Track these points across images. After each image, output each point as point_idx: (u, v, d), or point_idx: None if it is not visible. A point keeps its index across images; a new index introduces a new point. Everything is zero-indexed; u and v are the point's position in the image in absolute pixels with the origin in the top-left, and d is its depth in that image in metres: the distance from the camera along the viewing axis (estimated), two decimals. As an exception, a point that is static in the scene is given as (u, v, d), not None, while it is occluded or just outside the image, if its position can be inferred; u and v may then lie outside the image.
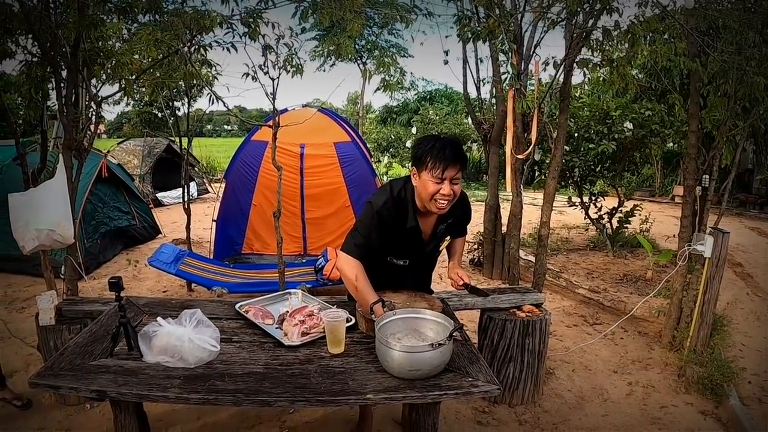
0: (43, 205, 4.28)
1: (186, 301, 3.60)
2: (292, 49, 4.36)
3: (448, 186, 2.82)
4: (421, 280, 3.47)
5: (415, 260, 3.23)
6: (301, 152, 7.59)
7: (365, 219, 3.07)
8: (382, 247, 3.11)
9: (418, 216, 3.06)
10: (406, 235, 3.07)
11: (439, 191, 2.82)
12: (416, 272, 3.34)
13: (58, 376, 2.46)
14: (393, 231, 3.05)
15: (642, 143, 8.19)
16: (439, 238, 3.20)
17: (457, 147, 2.88)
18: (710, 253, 4.68)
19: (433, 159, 2.79)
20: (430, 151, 2.82)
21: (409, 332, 2.76)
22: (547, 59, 4.86)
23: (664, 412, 4.33)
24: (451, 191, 2.83)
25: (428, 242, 3.19)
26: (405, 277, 3.26)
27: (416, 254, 3.20)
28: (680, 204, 5.16)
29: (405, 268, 3.22)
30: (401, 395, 2.35)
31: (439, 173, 2.79)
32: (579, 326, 6.08)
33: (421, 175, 2.88)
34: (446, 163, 2.78)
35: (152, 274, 7.62)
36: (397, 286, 3.28)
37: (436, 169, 2.79)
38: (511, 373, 4.23)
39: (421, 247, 3.18)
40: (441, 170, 2.78)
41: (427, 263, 3.43)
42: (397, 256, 3.19)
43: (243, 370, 2.54)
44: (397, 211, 3.03)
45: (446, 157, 2.79)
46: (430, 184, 2.82)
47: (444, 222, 3.12)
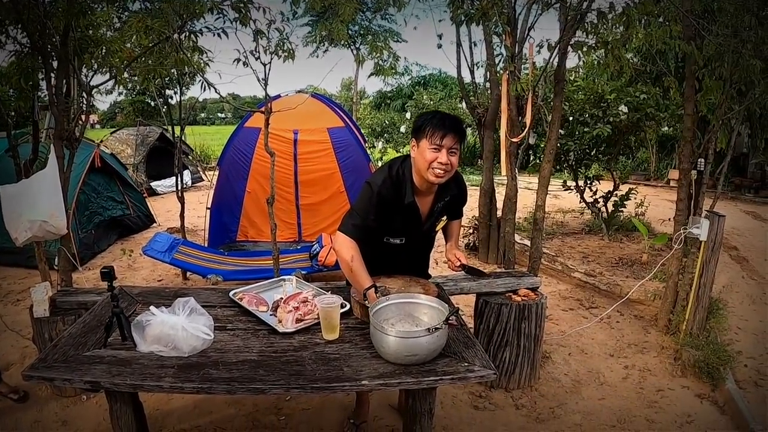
0: (35, 196, 4.25)
1: (180, 289, 3.57)
2: (284, 34, 4.33)
3: (446, 154, 2.88)
4: (418, 262, 3.47)
5: (412, 239, 3.25)
6: (294, 138, 7.55)
7: (363, 199, 3.10)
8: (380, 226, 3.13)
9: (416, 194, 3.09)
10: (403, 213, 3.11)
11: (436, 159, 2.88)
12: (413, 253, 3.35)
13: (52, 368, 2.45)
14: (391, 209, 3.08)
15: (637, 126, 8.15)
16: (436, 216, 3.22)
17: (457, 120, 2.98)
18: (706, 237, 4.67)
19: (433, 127, 2.87)
20: (431, 120, 2.91)
21: (403, 317, 2.75)
22: (541, 42, 4.83)
23: (661, 395, 4.33)
24: (448, 160, 2.89)
25: (425, 221, 3.21)
26: (402, 257, 3.27)
27: (413, 232, 3.22)
28: (676, 188, 5.15)
29: (401, 247, 3.24)
30: (396, 381, 2.34)
31: (438, 140, 2.86)
32: (575, 310, 6.07)
33: (420, 144, 2.94)
34: (445, 131, 2.86)
35: (147, 264, 7.59)
36: (393, 268, 3.28)
37: (435, 136, 2.86)
38: (508, 357, 4.23)
39: (417, 225, 3.20)
40: (440, 137, 2.86)
41: (423, 244, 3.44)
42: (394, 234, 3.21)
43: (237, 358, 2.53)
44: (395, 189, 3.07)
45: (445, 125, 2.87)
46: (428, 152, 2.89)
47: (441, 200, 3.17)
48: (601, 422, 3.98)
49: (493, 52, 7.17)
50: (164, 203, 12.29)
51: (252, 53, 4.31)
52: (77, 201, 7.73)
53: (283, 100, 7.12)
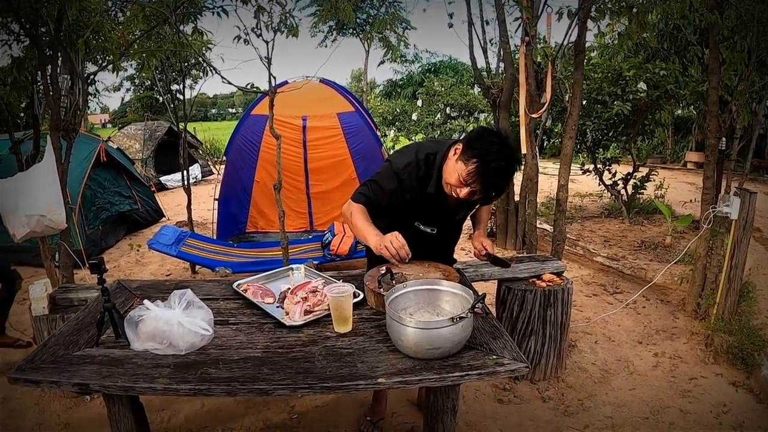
0: (31, 190, 4.16)
1: (181, 282, 3.37)
2: (285, 8, 4.13)
3: (468, 193, 2.66)
4: (446, 250, 3.32)
5: (444, 228, 3.09)
6: (303, 125, 7.41)
7: (381, 177, 2.93)
8: (408, 210, 2.96)
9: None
10: (428, 202, 2.90)
11: (456, 188, 2.68)
12: (442, 241, 3.18)
13: (39, 370, 2.24)
14: (413, 196, 2.87)
15: (657, 105, 7.95)
16: (471, 205, 3.06)
17: (507, 179, 2.72)
18: (737, 215, 4.45)
19: (478, 171, 2.58)
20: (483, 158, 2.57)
21: (422, 306, 2.52)
22: (560, 9, 4.61)
23: (694, 384, 4.13)
24: (465, 197, 2.69)
25: (457, 210, 3.03)
26: (431, 246, 3.03)
27: (445, 222, 3.08)
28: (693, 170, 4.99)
29: (432, 236, 3.06)
30: (417, 378, 2.11)
31: (473, 184, 2.63)
32: (599, 296, 5.88)
33: (458, 162, 2.66)
34: (485, 186, 2.64)
35: (156, 258, 7.47)
36: (422, 256, 2.99)
37: (471, 179, 2.61)
38: (533, 347, 4.03)
39: (450, 215, 3.07)
40: (477, 184, 2.62)
41: (453, 232, 3.29)
42: (425, 222, 3.03)
43: (239, 355, 2.31)
44: (419, 175, 2.84)
45: (490, 180, 2.62)
46: (454, 177, 2.66)
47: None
48: (633, 414, 3.77)
49: (506, 29, 6.94)
50: (174, 197, 12.20)
51: (254, 30, 4.12)
52: (83, 197, 7.63)
53: (291, 86, 6.95)
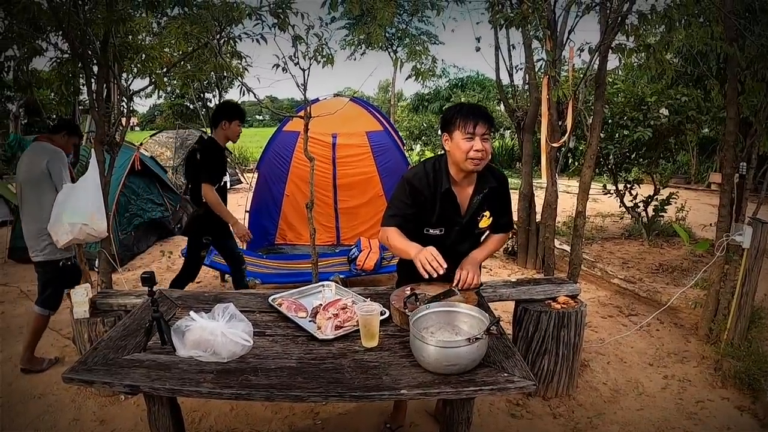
0: (76, 199, 4.32)
1: (219, 294, 3.59)
2: (323, 39, 4.33)
3: (480, 141, 2.95)
4: (461, 259, 3.32)
5: (451, 229, 3.24)
6: (333, 142, 7.59)
7: (397, 191, 3.23)
8: (417, 216, 3.19)
9: (453, 185, 3.15)
10: (440, 201, 3.15)
11: (472, 147, 2.95)
12: (454, 245, 3.27)
13: (92, 371, 2.47)
14: (425, 198, 3.15)
15: (678, 130, 8.02)
16: (476, 208, 3.21)
17: (484, 108, 3.11)
18: (749, 244, 4.57)
19: (463, 117, 2.97)
20: (460, 111, 3.02)
21: (443, 326, 2.72)
22: (582, 45, 4.78)
23: (700, 407, 4.23)
24: (483, 147, 2.96)
25: (465, 213, 3.21)
26: (443, 251, 3.07)
27: (451, 223, 3.22)
28: (716, 192, 5.08)
29: (441, 238, 3.22)
30: (436, 391, 2.31)
31: (471, 128, 2.94)
32: (614, 317, 5.99)
33: (453, 137, 3.03)
34: (476, 119, 2.95)
35: (186, 265, 7.66)
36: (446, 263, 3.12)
37: (467, 126, 2.95)
38: (546, 365, 4.18)
39: (456, 215, 3.21)
40: (472, 126, 2.94)
41: (467, 241, 3.34)
42: (433, 225, 3.22)
43: (276, 364, 2.52)
44: (428, 179, 3.15)
45: (475, 114, 2.98)
46: (462, 143, 2.96)
47: (480, 192, 3.18)
48: (639, 433, 3.91)
49: (532, 55, 7.12)
50: (203, 205, 12.34)
51: (291, 58, 4.32)
52: (117, 203, 7.85)
53: (322, 104, 7.15)
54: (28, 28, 4.28)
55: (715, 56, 8.00)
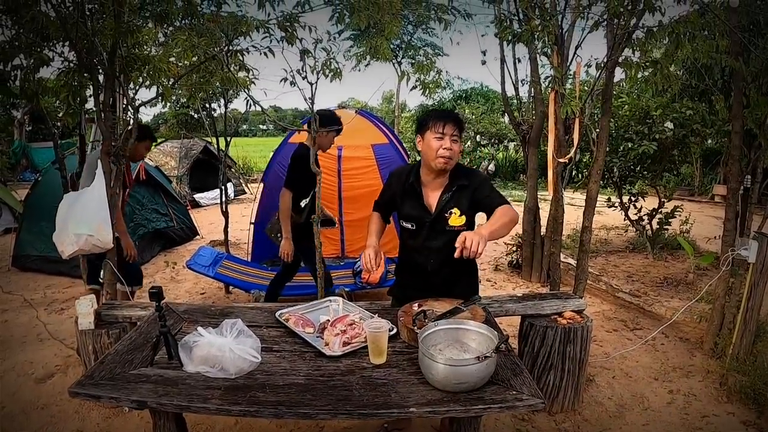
0: (82, 210, 4.32)
1: (226, 308, 3.58)
2: (331, 53, 4.34)
3: (449, 141, 3.21)
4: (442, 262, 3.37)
5: (422, 226, 3.39)
6: (338, 154, 7.60)
7: (383, 188, 3.69)
8: (390, 206, 3.63)
9: (424, 186, 3.40)
10: (406, 195, 3.43)
11: (441, 146, 3.19)
12: (426, 242, 3.39)
13: (99, 386, 2.47)
14: (396, 191, 3.50)
15: (683, 143, 8.03)
16: (444, 205, 3.31)
17: (455, 112, 3.47)
18: (755, 259, 4.56)
19: (435, 119, 3.25)
20: (432, 114, 3.32)
21: (451, 343, 2.72)
22: (589, 61, 4.79)
23: (706, 422, 4.22)
24: (451, 146, 3.21)
25: (434, 210, 3.35)
26: (417, 246, 3.43)
27: (420, 219, 3.38)
28: (720, 204, 5.08)
29: (415, 233, 3.43)
30: (445, 409, 2.31)
31: (441, 128, 3.20)
32: (619, 331, 5.97)
33: (425, 137, 3.28)
34: (446, 120, 3.23)
35: (190, 276, 7.67)
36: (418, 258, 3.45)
37: (438, 126, 3.22)
38: (552, 380, 4.17)
39: (424, 212, 3.37)
40: (442, 126, 3.21)
41: (435, 235, 3.37)
42: (406, 218, 3.46)
43: (284, 381, 2.52)
44: (403, 174, 3.49)
45: (445, 116, 3.26)
46: (433, 141, 3.22)
47: (449, 191, 3.33)
48: (645, 449, 3.89)
49: (538, 70, 7.13)
50: (207, 215, 12.41)
51: (299, 72, 4.33)
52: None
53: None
54: (35, 38, 4.29)
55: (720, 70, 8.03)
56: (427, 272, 3.42)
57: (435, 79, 5.49)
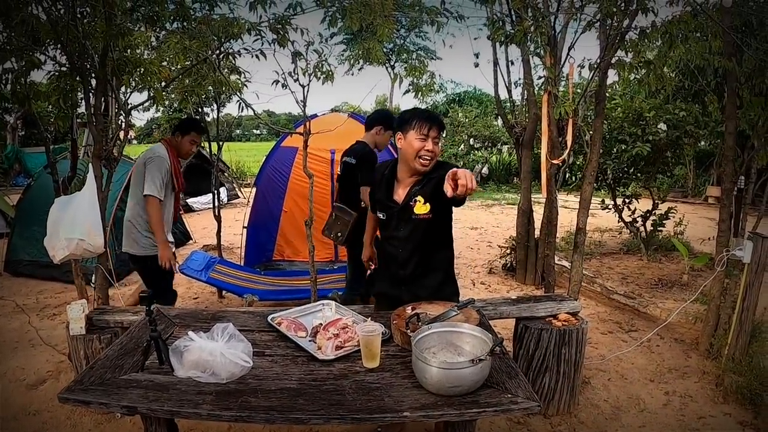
0: (73, 215, 4.30)
1: (218, 312, 3.56)
2: (322, 56, 4.32)
3: (431, 143, 3.24)
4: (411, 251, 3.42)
5: (391, 215, 3.44)
6: (331, 158, 7.57)
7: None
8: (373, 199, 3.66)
9: (398, 181, 3.46)
10: (381, 187, 3.51)
11: (424, 147, 3.23)
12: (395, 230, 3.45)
13: (88, 391, 2.44)
14: (376, 183, 3.58)
15: (676, 144, 8.03)
16: (411, 196, 3.34)
17: (438, 114, 3.54)
18: (749, 259, 4.56)
19: (419, 120, 3.25)
20: (417, 114, 3.29)
21: (445, 346, 2.69)
22: (582, 62, 4.78)
23: (702, 423, 4.21)
24: (433, 148, 3.25)
25: (402, 201, 3.39)
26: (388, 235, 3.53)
27: (389, 209, 3.45)
28: (714, 205, 5.08)
29: (385, 222, 3.50)
30: (439, 413, 2.28)
31: (425, 130, 3.22)
32: (614, 333, 5.96)
33: (407, 136, 3.27)
34: (431, 123, 3.24)
35: (183, 281, 7.59)
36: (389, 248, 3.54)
37: (423, 127, 3.22)
38: (547, 383, 4.15)
39: (392, 202, 3.44)
40: (427, 128, 3.22)
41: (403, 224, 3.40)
42: (378, 209, 3.55)
43: (276, 385, 2.49)
44: (381, 168, 3.60)
45: (431, 118, 3.28)
46: (416, 142, 3.23)
47: (420, 184, 3.35)
48: (641, 451, 3.88)
49: (530, 71, 7.13)
50: (200, 220, 12.37)
51: (290, 75, 4.31)
52: (114, 218, 7.81)
53: (320, 120, 7.15)
54: (26, 41, 4.26)
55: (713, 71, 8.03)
56: (398, 262, 3.46)
57: (428, 83, 5.48)
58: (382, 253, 3.71)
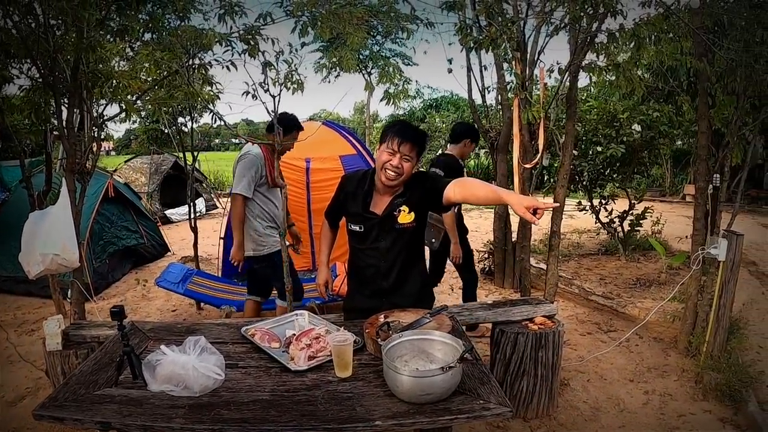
0: (47, 230, 4.27)
1: (192, 325, 3.53)
2: (292, 65, 4.30)
3: (398, 159, 3.16)
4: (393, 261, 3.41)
5: (370, 227, 3.37)
6: (306, 166, 7.55)
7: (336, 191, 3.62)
8: (341, 207, 3.56)
9: (376, 190, 3.39)
10: (360, 199, 3.39)
11: (389, 161, 3.17)
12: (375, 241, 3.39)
13: (63, 408, 2.42)
14: (349, 192, 3.46)
15: (651, 145, 8.10)
16: (395, 207, 3.31)
17: (417, 130, 3.32)
18: (725, 257, 4.60)
19: (392, 134, 3.19)
20: (393, 127, 3.25)
21: (417, 354, 2.69)
22: (552, 66, 4.80)
23: (683, 420, 4.24)
24: (400, 164, 3.16)
25: (383, 212, 3.34)
26: (365, 246, 3.44)
27: (369, 220, 3.36)
28: (692, 203, 5.10)
29: (363, 234, 3.40)
30: (411, 421, 2.28)
31: (395, 146, 3.15)
32: (593, 334, 6.00)
33: (381, 146, 3.25)
34: (402, 139, 3.15)
35: (161, 293, 7.57)
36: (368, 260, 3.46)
37: (393, 142, 3.16)
38: (525, 387, 4.16)
39: (371, 213, 3.36)
40: (397, 144, 3.14)
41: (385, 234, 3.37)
42: (353, 221, 3.44)
43: (249, 397, 2.49)
44: (358, 177, 3.48)
45: (404, 134, 3.18)
46: (384, 154, 3.19)
47: (403, 196, 3.33)
48: (621, 451, 3.90)
49: (503, 76, 7.16)
50: (179, 231, 12.29)
51: (261, 85, 4.29)
52: (91, 231, 7.76)
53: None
54: (-2, 55, 4.24)
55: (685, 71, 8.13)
56: (379, 274, 3.42)
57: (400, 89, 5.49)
58: (355, 269, 3.59)
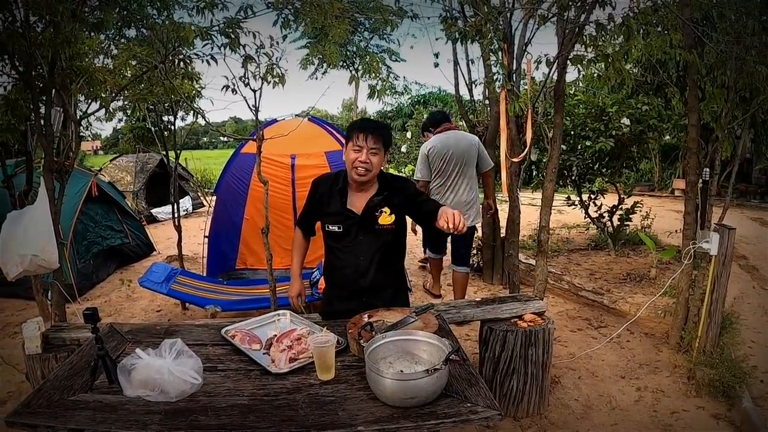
0: (25, 230, 4.18)
1: (171, 326, 3.44)
2: (273, 59, 4.22)
3: (366, 154, 3.18)
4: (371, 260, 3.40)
5: (349, 227, 3.36)
6: (292, 163, 7.46)
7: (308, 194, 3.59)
8: (316, 210, 3.52)
9: (351, 190, 3.39)
10: (334, 197, 3.39)
11: (357, 158, 3.19)
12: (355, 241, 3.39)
13: (36, 414, 2.33)
14: (323, 192, 3.45)
15: (640, 139, 8.06)
16: (374, 207, 3.31)
17: (379, 123, 3.39)
18: (716, 251, 4.56)
19: (356, 130, 3.22)
20: (355, 125, 3.29)
21: (401, 355, 2.61)
22: (539, 57, 4.73)
23: (676, 417, 4.19)
24: (368, 159, 3.18)
25: (362, 212, 3.34)
26: (344, 246, 3.41)
27: (347, 219, 3.36)
28: (681, 197, 5.07)
29: (341, 234, 3.39)
30: (394, 426, 2.19)
31: (360, 141, 3.17)
32: (583, 330, 5.94)
33: (347, 146, 3.27)
34: (365, 132, 3.18)
35: (146, 294, 7.47)
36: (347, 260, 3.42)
37: (358, 138, 3.19)
38: (515, 385, 4.09)
39: (351, 213, 3.35)
40: (362, 138, 3.17)
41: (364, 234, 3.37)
42: (331, 222, 3.41)
43: (227, 402, 2.40)
44: (331, 179, 3.47)
45: (366, 128, 3.22)
46: (351, 153, 3.22)
47: (379, 194, 3.33)
48: (613, 450, 3.83)
49: (490, 69, 7.09)
50: (165, 230, 12.15)
51: (241, 79, 4.21)
52: (75, 231, 7.66)
53: (280, 125, 7.02)
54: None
55: (675, 64, 8.08)
56: (357, 273, 3.39)
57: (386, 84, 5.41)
58: (334, 269, 3.53)
